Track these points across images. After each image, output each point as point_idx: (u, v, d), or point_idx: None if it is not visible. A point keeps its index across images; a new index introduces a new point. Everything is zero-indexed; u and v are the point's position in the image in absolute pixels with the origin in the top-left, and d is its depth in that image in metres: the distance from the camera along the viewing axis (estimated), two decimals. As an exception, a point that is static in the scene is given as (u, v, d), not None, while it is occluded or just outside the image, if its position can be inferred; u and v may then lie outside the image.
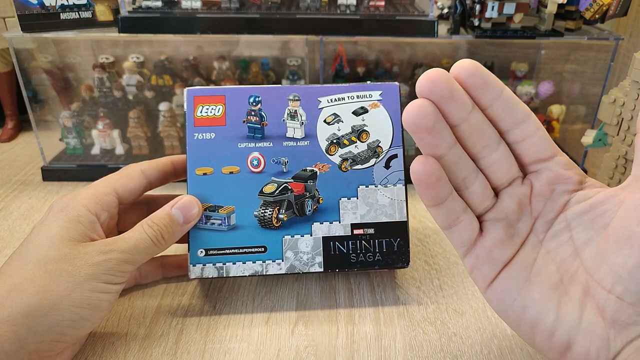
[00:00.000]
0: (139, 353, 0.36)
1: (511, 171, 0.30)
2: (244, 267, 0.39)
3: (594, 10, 0.53)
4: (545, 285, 0.29)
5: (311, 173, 0.40)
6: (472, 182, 0.29)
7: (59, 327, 0.31)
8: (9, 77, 0.69)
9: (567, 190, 0.29)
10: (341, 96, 0.41)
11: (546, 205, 0.30)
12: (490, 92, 0.28)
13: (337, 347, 0.36)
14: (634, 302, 0.26)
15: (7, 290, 0.30)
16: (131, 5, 0.56)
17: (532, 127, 0.29)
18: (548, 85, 0.62)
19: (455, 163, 0.28)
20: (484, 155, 0.29)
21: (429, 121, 0.27)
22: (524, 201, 0.30)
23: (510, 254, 0.30)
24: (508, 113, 0.28)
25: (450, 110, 0.27)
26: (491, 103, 0.28)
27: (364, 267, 0.40)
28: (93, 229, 0.35)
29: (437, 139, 0.27)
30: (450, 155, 0.28)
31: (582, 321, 0.27)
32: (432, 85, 0.26)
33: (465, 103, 0.27)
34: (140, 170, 0.39)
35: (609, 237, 0.27)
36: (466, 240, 0.30)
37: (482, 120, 0.28)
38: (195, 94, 0.40)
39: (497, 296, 0.30)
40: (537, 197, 0.30)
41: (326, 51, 0.60)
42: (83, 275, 0.32)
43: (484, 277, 0.30)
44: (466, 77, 0.27)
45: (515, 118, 0.28)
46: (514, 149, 0.29)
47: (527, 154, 0.29)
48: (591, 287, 0.28)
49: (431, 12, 0.55)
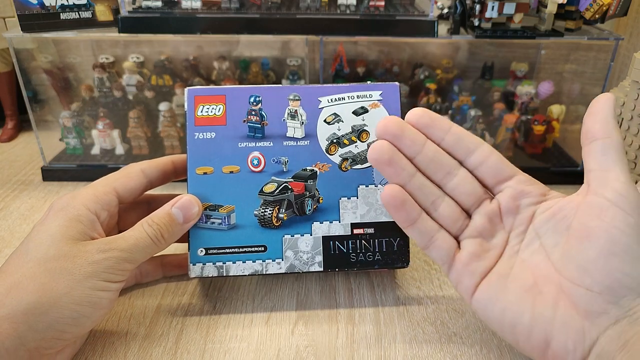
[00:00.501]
0: (139, 353, 0.36)
1: (476, 193, 0.34)
2: (244, 266, 0.39)
3: (594, 10, 0.53)
4: (521, 288, 0.32)
5: (311, 173, 0.40)
6: (439, 204, 0.34)
7: (59, 325, 0.31)
8: (9, 77, 0.69)
9: (532, 203, 0.34)
10: (341, 96, 0.41)
11: (516, 219, 0.34)
12: (438, 129, 0.34)
13: (337, 347, 0.36)
14: (602, 291, 0.29)
15: (7, 289, 0.30)
16: (131, 5, 0.56)
17: (485, 153, 0.34)
18: (548, 85, 0.62)
19: (419, 189, 0.34)
20: (446, 181, 0.34)
21: (385, 155, 0.33)
22: (494, 218, 0.34)
23: (488, 266, 0.34)
24: (459, 145, 0.34)
25: (404, 145, 0.34)
26: (442, 137, 0.34)
27: (364, 266, 0.40)
28: (93, 227, 0.35)
29: (396, 170, 0.34)
30: (413, 182, 0.34)
31: (556, 317, 0.30)
32: (386, 128, 0.34)
33: (416, 139, 0.34)
34: (141, 169, 0.39)
35: (571, 237, 0.31)
36: (445, 257, 0.34)
37: (437, 152, 0.34)
38: (196, 93, 0.40)
39: (480, 304, 0.33)
40: (506, 214, 0.34)
41: (326, 51, 0.60)
42: (83, 273, 0.32)
43: (466, 289, 0.34)
44: (416, 120, 0.34)
45: (466, 148, 0.34)
46: (475, 175, 0.35)
47: (487, 177, 0.34)
48: (562, 285, 0.31)
49: (431, 12, 0.55)
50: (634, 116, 0.44)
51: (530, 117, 0.61)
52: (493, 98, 0.65)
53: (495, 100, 0.64)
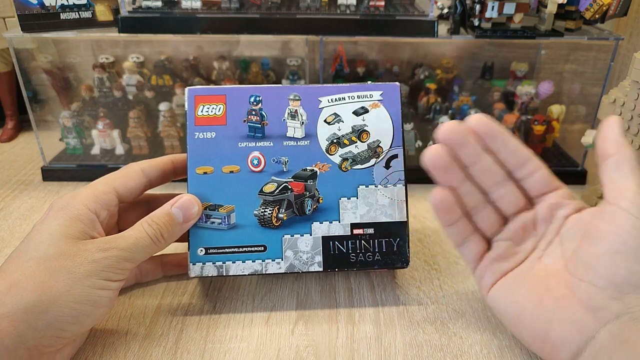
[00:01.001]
0: (139, 353, 0.36)
1: (518, 203, 0.36)
2: (244, 266, 0.39)
3: (594, 10, 0.53)
4: (532, 284, 0.34)
5: (311, 173, 0.40)
6: (480, 210, 0.36)
7: (58, 323, 0.31)
8: (9, 77, 0.69)
9: (565, 215, 0.35)
10: (342, 96, 0.41)
11: (548, 228, 0.35)
12: (498, 141, 0.35)
13: (337, 347, 0.36)
14: (605, 286, 0.30)
15: (7, 287, 0.30)
16: (131, 5, 0.56)
17: (534, 167, 0.35)
18: (548, 85, 0.62)
19: (465, 195, 0.36)
20: (493, 190, 0.36)
21: (442, 163, 0.34)
22: (529, 226, 0.36)
23: (510, 267, 0.35)
24: (513, 156, 0.35)
25: (464, 154, 0.35)
26: (499, 149, 0.35)
27: (364, 266, 0.40)
28: (93, 227, 0.35)
29: (450, 176, 0.35)
30: (462, 189, 0.35)
31: (556, 307, 0.32)
32: (451, 134, 0.34)
33: (477, 149, 0.35)
34: (140, 169, 0.39)
35: (584, 240, 0.32)
36: (473, 258, 0.36)
37: (492, 162, 0.35)
38: (196, 93, 0.41)
39: (494, 297, 0.35)
40: (540, 222, 0.36)
41: (326, 51, 0.60)
42: (82, 272, 0.32)
43: (486, 285, 0.36)
44: (480, 129, 0.35)
45: (519, 160, 0.35)
46: (521, 185, 0.36)
47: (532, 189, 0.36)
48: (568, 281, 0.32)
49: (431, 12, 0.55)
50: (634, 116, 0.44)
51: (530, 117, 0.61)
52: (493, 98, 0.65)
53: (495, 100, 0.64)
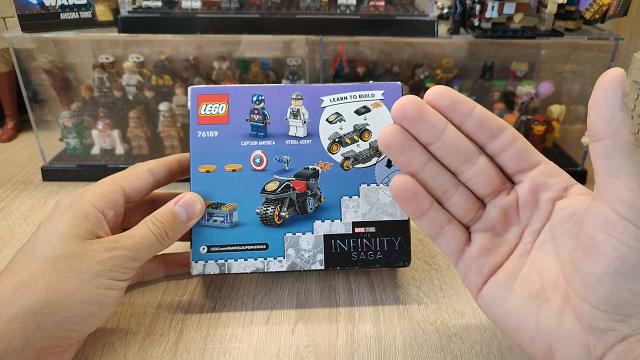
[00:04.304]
0: (139, 353, 0.36)
1: (494, 183, 0.31)
2: (246, 264, 0.39)
3: (594, 10, 0.53)
4: (527, 293, 0.30)
5: (313, 171, 0.40)
6: (452, 194, 0.31)
7: (67, 324, 0.31)
8: (9, 77, 0.69)
9: (552, 198, 0.30)
10: (344, 95, 0.41)
11: (533, 215, 0.31)
12: (460, 112, 0.30)
13: (337, 346, 0.36)
14: (608, 310, 0.26)
15: (15, 287, 0.30)
16: (131, 5, 0.56)
17: (508, 138, 0.30)
18: (548, 85, 0.62)
19: (432, 178, 0.31)
20: (463, 169, 0.31)
21: (397, 141, 0.30)
22: (510, 211, 0.31)
23: (497, 262, 0.31)
24: (481, 128, 0.30)
25: (422, 130, 0.30)
26: (463, 121, 0.30)
27: (365, 265, 0.40)
28: (100, 226, 0.35)
29: (408, 157, 0.31)
30: (426, 171, 0.31)
31: (561, 328, 0.28)
32: (403, 111, 0.30)
33: (436, 123, 0.30)
34: (148, 169, 0.39)
35: (579, 247, 0.28)
36: (453, 250, 0.32)
37: (457, 137, 0.30)
38: (199, 92, 0.41)
39: (485, 303, 0.31)
40: (523, 207, 0.31)
41: (326, 51, 0.60)
42: (91, 272, 0.32)
43: (473, 285, 0.32)
44: (436, 101, 0.30)
45: (489, 132, 0.30)
46: (496, 162, 0.31)
47: (508, 165, 0.31)
48: (569, 295, 0.28)
49: (431, 12, 0.55)
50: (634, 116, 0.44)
51: (530, 117, 0.61)
52: (493, 98, 0.65)
53: (495, 100, 0.64)
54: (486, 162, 0.31)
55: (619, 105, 0.25)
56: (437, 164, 0.31)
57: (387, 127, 0.30)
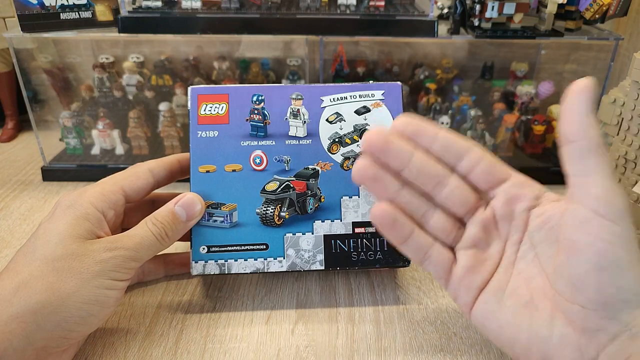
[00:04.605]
0: (139, 353, 0.36)
1: (469, 201, 0.32)
2: (246, 264, 0.39)
3: (594, 10, 0.53)
4: (517, 305, 0.30)
5: (313, 171, 0.40)
6: (430, 216, 0.32)
7: (67, 324, 0.31)
8: (9, 77, 0.69)
9: (526, 208, 0.31)
10: (344, 95, 0.41)
11: (511, 226, 0.32)
12: (425, 137, 0.32)
13: (337, 346, 0.36)
14: (596, 308, 0.27)
15: (16, 288, 0.30)
16: (131, 5, 0.56)
17: (476, 157, 0.32)
18: (548, 85, 0.62)
19: (408, 203, 0.32)
20: (437, 191, 0.32)
21: (369, 173, 0.31)
22: (489, 226, 0.32)
23: (484, 279, 0.32)
24: (448, 150, 0.32)
25: (390, 160, 0.31)
26: (430, 145, 0.32)
27: (365, 265, 0.40)
28: (100, 226, 0.35)
29: (382, 186, 0.31)
30: (401, 197, 0.32)
31: (553, 335, 0.29)
32: (370, 143, 0.31)
33: (402, 152, 0.31)
34: (148, 169, 0.39)
35: (559, 250, 0.29)
36: (441, 272, 0.32)
37: (424, 162, 0.31)
38: (199, 92, 0.41)
39: (478, 320, 0.32)
40: (501, 220, 0.32)
41: (326, 51, 0.60)
42: (91, 272, 0.32)
43: (465, 304, 0.32)
44: (402, 129, 0.32)
45: (456, 153, 0.32)
46: (468, 181, 0.32)
47: (480, 182, 0.32)
48: (557, 301, 0.29)
49: (431, 12, 0.55)
50: (634, 116, 0.44)
51: (530, 117, 0.61)
52: (493, 98, 0.65)
53: (495, 100, 0.64)
54: (458, 182, 0.32)
55: (588, 108, 0.27)
56: (410, 190, 0.32)
57: (357, 161, 0.32)
